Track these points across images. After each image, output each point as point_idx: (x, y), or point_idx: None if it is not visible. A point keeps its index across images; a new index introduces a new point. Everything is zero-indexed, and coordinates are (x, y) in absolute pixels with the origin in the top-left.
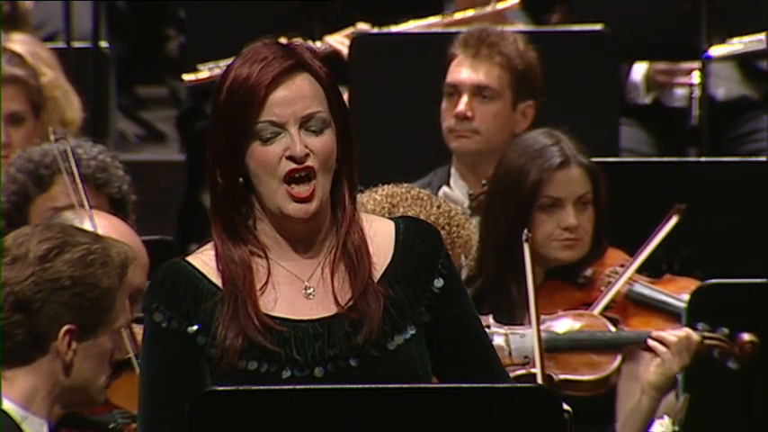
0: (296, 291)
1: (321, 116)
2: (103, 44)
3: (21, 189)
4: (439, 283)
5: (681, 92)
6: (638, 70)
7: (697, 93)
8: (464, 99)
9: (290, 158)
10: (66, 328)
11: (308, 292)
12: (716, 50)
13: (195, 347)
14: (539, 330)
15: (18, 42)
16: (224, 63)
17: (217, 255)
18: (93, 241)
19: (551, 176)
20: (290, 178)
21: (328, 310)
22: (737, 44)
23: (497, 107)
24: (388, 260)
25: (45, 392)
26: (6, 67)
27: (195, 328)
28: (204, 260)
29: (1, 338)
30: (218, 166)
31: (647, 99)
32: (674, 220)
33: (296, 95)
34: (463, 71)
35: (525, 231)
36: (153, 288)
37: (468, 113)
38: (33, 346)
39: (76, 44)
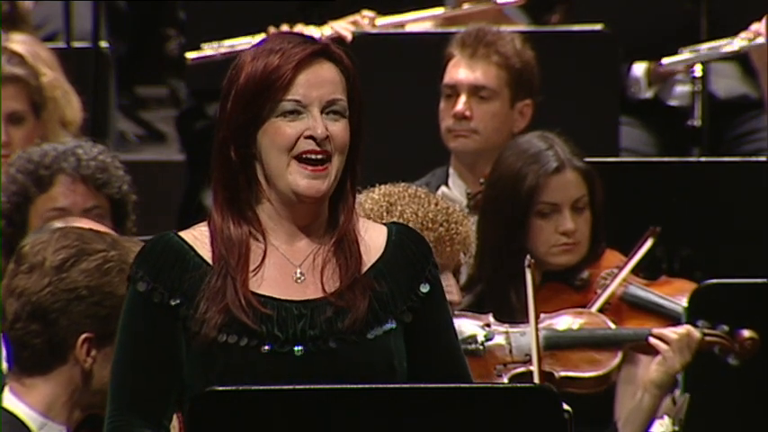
0: (286, 274)
1: (342, 104)
2: (103, 44)
3: (21, 190)
4: (425, 288)
5: (681, 89)
6: (640, 64)
7: (699, 87)
8: (462, 99)
9: (310, 138)
10: (84, 336)
11: (298, 276)
12: (666, 60)
13: (174, 320)
14: (539, 351)
15: (18, 42)
16: (228, 42)
17: (211, 232)
18: (111, 248)
19: (547, 182)
20: (306, 158)
21: (314, 294)
22: (688, 53)
23: (495, 106)
24: (378, 256)
25: (65, 399)
26: (7, 66)
27: (178, 302)
28: (195, 235)
29: (3, 345)
30: (232, 141)
31: (648, 94)
32: (649, 243)
33: (322, 80)
34: (461, 71)
35: (528, 257)
36: (139, 258)
37: (467, 113)
38: (52, 355)
39: (76, 44)
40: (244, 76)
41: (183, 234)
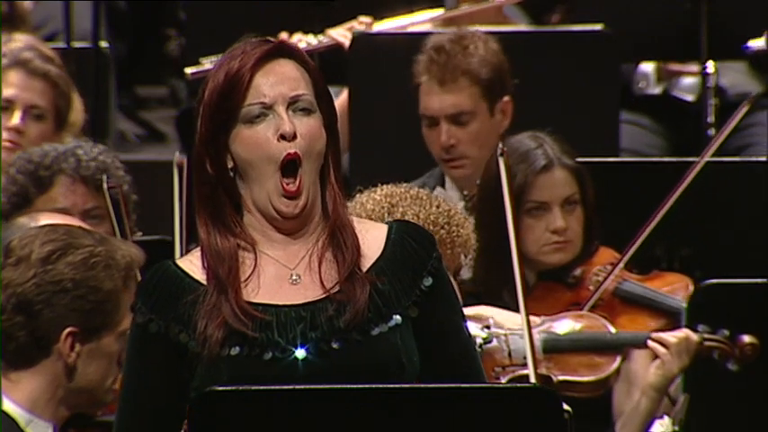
0: (282, 278)
1: (308, 98)
2: (103, 44)
3: (21, 190)
4: (428, 281)
5: (690, 81)
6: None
7: (711, 83)
8: (444, 129)
9: (282, 137)
10: (68, 330)
11: (294, 279)
12: (754, 43)
13: (173, 349)
14: (524, 289)
15: (20, 42)
16: None
17: (203, 253)
18: (98, 243)
19: (535, 180)
20: (284, 167)
21: (313, 295)
22: None
23: (477, 126)
24: (378, 254)
25: (49, 395)
26: (39, 61)
27: (176, 330)
28: (191, 260)
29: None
30: (206, 155)
31: (656, 89)
32: (744, 109)
33: (282, 77)
34: (434, 99)
35: (500, 145)
36: (139, 289)
37: (452, 141)
38: (36, 349)
39: (76, 44)
40: (208, 88)
41: (179, 262)
